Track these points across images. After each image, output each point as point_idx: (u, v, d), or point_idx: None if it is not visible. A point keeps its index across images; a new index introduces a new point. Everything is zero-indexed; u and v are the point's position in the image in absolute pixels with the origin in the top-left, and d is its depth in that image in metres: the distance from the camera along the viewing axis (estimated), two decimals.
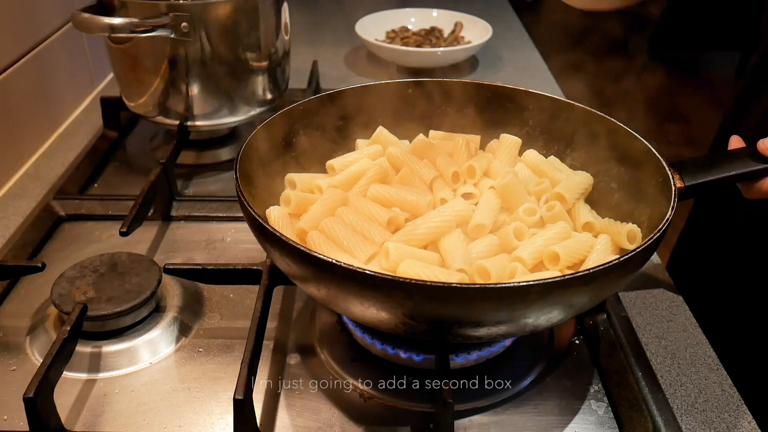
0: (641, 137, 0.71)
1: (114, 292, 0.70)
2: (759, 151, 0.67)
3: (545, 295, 0.51)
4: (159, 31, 0.88)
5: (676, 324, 0.76)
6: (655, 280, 0.83)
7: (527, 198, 0.72)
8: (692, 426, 0.64)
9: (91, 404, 0.64)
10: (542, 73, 1.41)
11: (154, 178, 0.89)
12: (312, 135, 0.79)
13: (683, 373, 0.70)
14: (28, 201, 0.95)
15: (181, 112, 0.98)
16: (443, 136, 0.83)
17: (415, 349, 0.66)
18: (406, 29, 1.49)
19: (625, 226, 0.67)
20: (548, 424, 0.63)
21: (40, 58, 1.07)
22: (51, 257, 0.84)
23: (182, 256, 0.85)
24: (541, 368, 0.69)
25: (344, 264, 0.52)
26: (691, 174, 0.66)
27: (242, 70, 0.97)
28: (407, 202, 0.70)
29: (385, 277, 0.51)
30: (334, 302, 0.58)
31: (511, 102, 0.82)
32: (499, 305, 0.51)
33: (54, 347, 0.61)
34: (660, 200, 0.65)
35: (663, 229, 0.58)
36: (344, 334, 0.71)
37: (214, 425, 0.63)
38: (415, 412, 0.64)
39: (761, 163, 0.67)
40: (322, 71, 1.30)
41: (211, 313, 0.76)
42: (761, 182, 0.67)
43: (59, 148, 1.09)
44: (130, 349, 0.69)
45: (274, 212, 0.69)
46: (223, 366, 0.69)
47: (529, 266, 0.64)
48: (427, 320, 0.54)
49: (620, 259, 0.53)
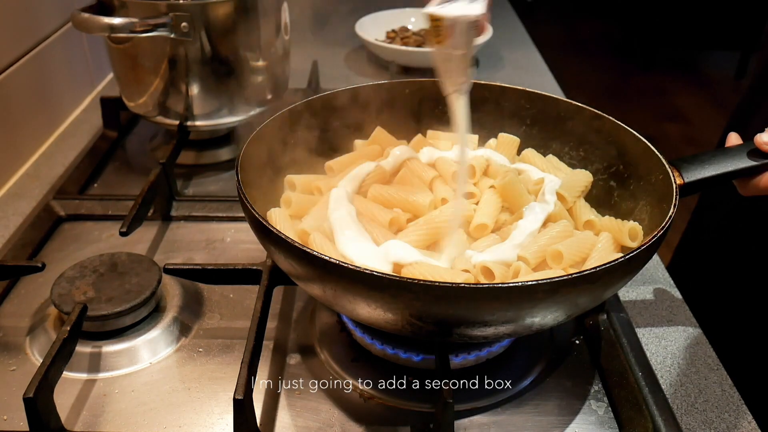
0: (640, 135, 0.71)
1: (114, 292, 0.70)
2: (756, 146, 0.67)
3: (552, 294, 0.51)
4: (159, 31, 0.88)
5: (676, 324, 0.76)
6: (655, 280, 0.83)
7: (528, 197, 0.72)
8: (692, 426, 0.64)
9: (91, 404, 0.64)
10: (542, 73, 1.41)
11: (153, 178, 0.89)
12: (312, 135, 0.79)
13: (683, 373, 0.70)
14: (28, 201, 0.95)
15: (180, 112, 0.98)
16: (441, 135, 0.83)
17: (414, 349, 0.66)
18: (406, 29, 1.49)
19: (627, 224, 0.67)
20: (548, 424, 0.63)
21: (40, 58, 1.07)
22: (51, 257, 0.84)
23: (182, 256, 0.85)
24: (541, 368, 0.69)
25: (351, 265, 0.52)
26: (690, 171, 0.67)
27: (242, 70, 0.97)
28: (408, 203, 0.70)
29: (393, 278, 0.51)
30: (340, 304, 0.58)
31: (509, 101, 0.83)
32: (508, 305, 0.51)
33: (54, 347, 0.61)
34: (660, 197, 0.66)
35: (666, 225, 0.58)
36: (344, 334, 0.71)
37: (214, 425, 0.63)
38: (415, 412, 0.64)
39: (759, 159, 0.67)
40: (322, 71, 1.30)
41: (211, 313, 0.76)
42: (758, 179, 0.67)
43: (59, 148, 1.09)
44: (130, 349, 0.69)
45: (276, 214, 0.69)
46: (223, 366, 0.69)
47: (532, 265, 0.64)
48: (434, 321, 0.54)
49: (626, 256, 0.53)
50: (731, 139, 0.72)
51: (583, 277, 0.52)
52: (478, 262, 0.63)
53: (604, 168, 0.76)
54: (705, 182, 0.67)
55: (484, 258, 0.64)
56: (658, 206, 0.66)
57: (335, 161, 0.78)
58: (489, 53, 1.48)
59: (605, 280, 0.54)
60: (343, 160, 0.78)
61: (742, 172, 0.67)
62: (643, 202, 0.70)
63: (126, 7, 0.89)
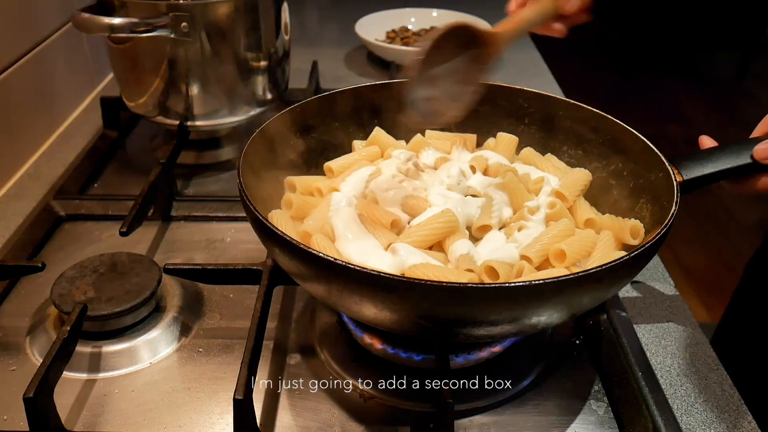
0: (639, 134, 0.71)
1: (114, 292, 0.70)
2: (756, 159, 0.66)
3: (558, 293, 0.52)
4: (159, 31, 0.88)
5: (676, 324, 0.76)
6: (655, 280, 0.83)
7: (528, 196, 0.72)
8: (692, 426, 0.64)
9: (91, 404, 0.64)
10: (542, 73, 1.41)
11: (154, 178, 0.89)
12: (312, 135, 0.79)
13: (683, 373, 0.70)
14: (28, 201, 0.95)
15: (181, 112, 0.98)
16: (440, 135, 0.83)
17: (414, 349, 0.66)
18: (406, 29, 1.49)
19: (628, 222, 0.67)
20: (548, 424, 0.63)
21: (40, 58, 1.07)
22: (51, 257, 0.84)
23: (182, 256, 0.85)
24: (541, 368, 0.69)
25: (358, 267, 0.51)
26: (689, 168, 0.67)
27: (242, 70, 0.97)
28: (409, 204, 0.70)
29: (401, 279, 0.50)
30: (347, 305, 0.57)
31: (507, 100, 0.83)
32: (515, 304, 0.52)
33: (54, 347, 0.61)
34: (661, 195, 0.66)
35: (669, 222, 0.59)
36: (344, 334, 0.71)
37: (214, 425, 0.63)
38: (415, 412, 0.64)
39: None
40: (322, 71, 1.30)
41: (211, 313, 0.76)
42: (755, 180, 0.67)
43: (59, 148, 1.09)
44: (130, 349, 0.69)
45: (277, 216, 0.69)
46: (223, 366, 0.69)
47: (535, 264, 0.64)
48: (441, 321, 0.54)
49: (631, 254, 0.54)
50: (704, 141, 0.71)
51: (589, 275, 0.52)
52: (482, 262, 0.63)
53: (603, 166, 0.77)
54: (704, 179, 0.67)
55: (488, 258, 0.64)
56: (659, 203, 0.66)
57: (335, 162, 0.78)
58: None
59: (610, 278, 0.54)
60: (343, 162, 0.78)
61: (741, 170, 0.67)
62: (643, 200, 0.70)
63: (126, 7, 0.89)
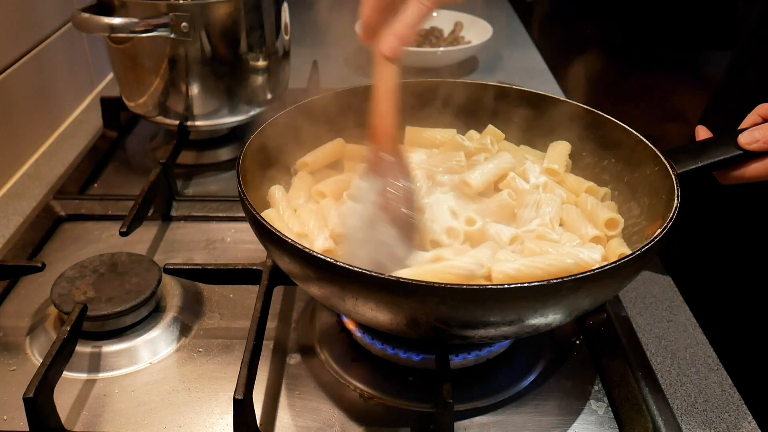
0: (632, 130, 0.72)
1: (114, 292, 0.70)
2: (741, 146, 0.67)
3: (576, 290, 0.52)
4: (159, 31, 0.88)
5: (676, 324, 0.76)
6: (655, 280, 0.83)
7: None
8: (692, 426, 0.64)
9: (91, 404, 0.64)
10: (542, 73, 1.41)
11: (154, 178, 0.88)
12: (312, 135, 0.79)
13: (683, 373, 0.70)
14: (28, 201, 0.95)
15: (181, 112, 0.98)
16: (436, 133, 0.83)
17: (414, 349, 0.66)
18: None
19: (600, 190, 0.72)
20: (548, 424, 0.63)
21: (40, 58, 1.07)
22: (51, 257, 0.84)
23: (182, 256, 0.85)
24: (541, 368, 0.69)
25: (359, 269, 0.51)
26: (681, 162, 0.67)
27: (242, 70, 0.97)
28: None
29: (420, 284, 0.50)
30: (361, 312, 0.56)
31: (501, 99, 0.83)
32: (534, 303, 0.51)
33: (54, 347, 0.61)
34: (658, 189, 0.66)
35: (674, 216, 0.59)
36: (344, 334, 0.71)
37: (214, 425, 0.63)
38: (415, 412, 0.64)
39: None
40: (322, 71, 1.30)
41: (211, 313, 0.76)
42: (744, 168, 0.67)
43: (59, 148, 1.09)
44: (130, 349, 0.69)
45: (278, 192, 0.70)
46: (223, 366, 0.69)
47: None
48: (459, 323, 0.53)
49: (640, 250, 0.54)
50: (700, 132, 0.72)
51: (605, 271, 0.52)
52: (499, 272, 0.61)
53: (595, 162, 0.77)
54: (697, 171, 0.67)
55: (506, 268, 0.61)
56: (656, 197, 0.66)
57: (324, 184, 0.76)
58: (489, 53, 1.48)
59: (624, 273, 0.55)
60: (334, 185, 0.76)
61: (732, 160, 0.67)
62: (639, 194, 0.70)
63: (126, 7, 0.89)
